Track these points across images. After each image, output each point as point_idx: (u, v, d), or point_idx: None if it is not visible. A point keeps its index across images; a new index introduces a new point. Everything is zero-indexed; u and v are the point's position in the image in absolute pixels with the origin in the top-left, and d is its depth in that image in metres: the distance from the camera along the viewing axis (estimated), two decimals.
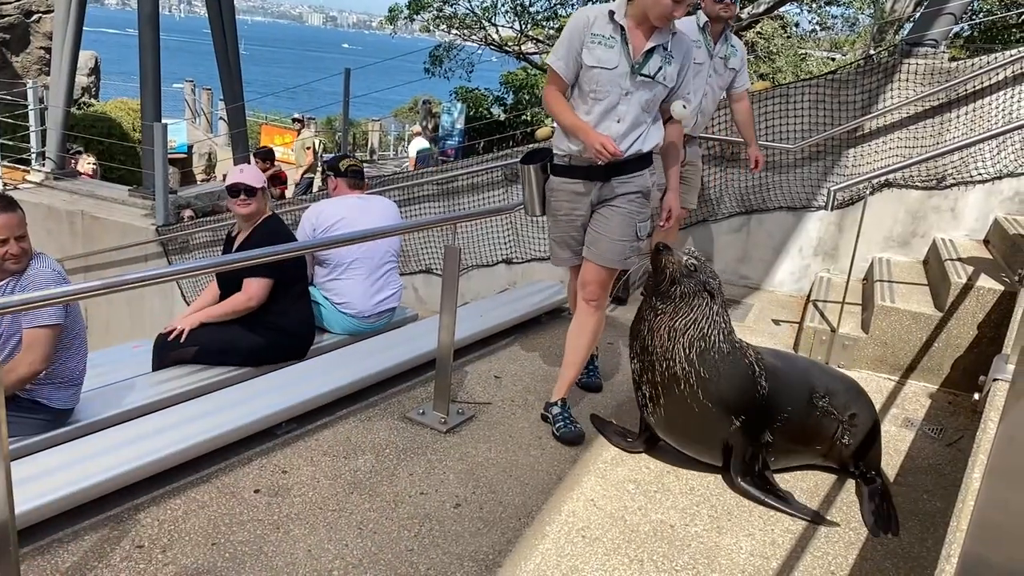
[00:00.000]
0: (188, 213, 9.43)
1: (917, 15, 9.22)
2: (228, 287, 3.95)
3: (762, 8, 16.05)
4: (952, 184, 5.01)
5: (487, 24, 19.77)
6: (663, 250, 2.81)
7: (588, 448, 3.17)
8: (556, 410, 3.28)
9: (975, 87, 4.88)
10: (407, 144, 17.77)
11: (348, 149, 14.85)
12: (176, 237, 8.38)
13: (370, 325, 4.34)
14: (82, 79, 17.27)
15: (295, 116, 17.41)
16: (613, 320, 4.72)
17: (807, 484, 2.99)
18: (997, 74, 4.82)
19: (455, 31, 20.12)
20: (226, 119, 13.50)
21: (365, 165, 6.08)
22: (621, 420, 3.38)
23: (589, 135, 2.94)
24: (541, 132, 10.25)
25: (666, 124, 3.18)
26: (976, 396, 2.85)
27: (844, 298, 4.24)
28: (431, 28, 20.55)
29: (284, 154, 15.26)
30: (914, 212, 5.11)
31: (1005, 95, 4.85)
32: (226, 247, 4.15)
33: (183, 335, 3.81)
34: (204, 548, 2.39)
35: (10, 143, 11.14)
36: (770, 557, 2.52)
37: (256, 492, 2.71)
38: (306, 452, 3.00)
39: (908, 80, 5.02)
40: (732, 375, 2.75)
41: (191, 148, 17.76)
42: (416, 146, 16.01)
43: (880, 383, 4.04)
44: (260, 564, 2.34)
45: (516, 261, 6.39)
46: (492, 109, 21.10)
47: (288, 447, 3.03)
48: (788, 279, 5.52)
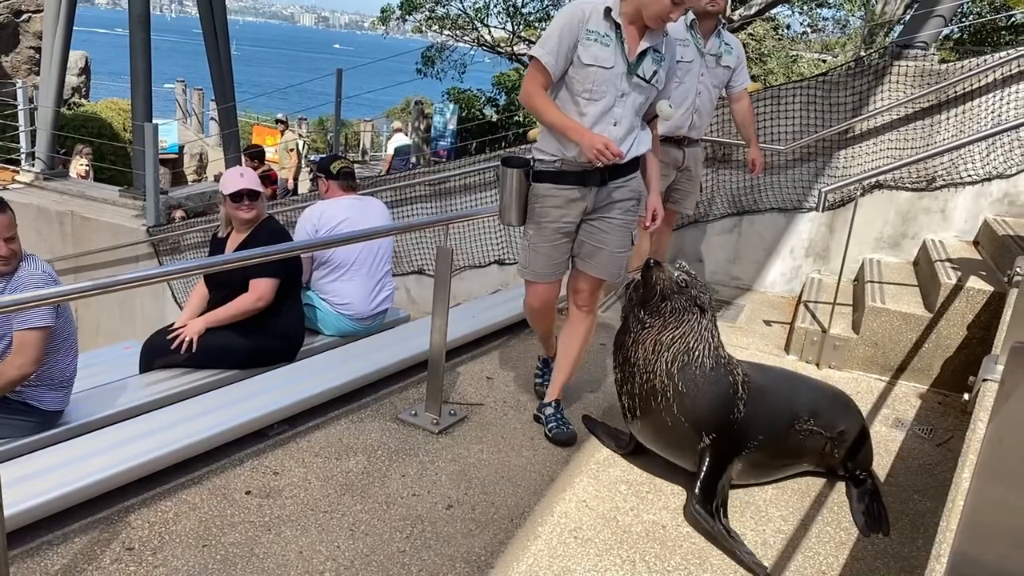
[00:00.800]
0: (179, 214, 9.39)
1: (907, 17, 9.27)
2: (223, 289, 3.90)
3: (754, 10, 16.10)
4: (942, 186, 5.03)
5: (479, 25, 19.78)
6: (654, 266, 2.75)
7: (580, 449, 3.17)
8: (549, 411, 3.28)
9: (965, 89, 4.91)
10: (385, 141, 17.65)
11: (340, 150, 14.82)
12: (167, 238, 8.34)
13: (365, 327, 4.34)
14: (72, 79, 17.17)
15: (278, 117, 17.20)
16: (604, 320, 4.72)
17: (797, 484, 3.00)
18: (986, 76, 4.85)
19: (447, 32, 20.13)
20: (217, 119, 13.45)
21: (357, 166, 6.08)
22: (613, 421, 3.38)
23: (585, 136, 2.78)
24: (533, 133, 10.24)
25: (649, 124, 3.10)
26: (966, 396, 2.86)
27: (835, 299, 4.26)
28: (423, 29, 20.57)
29: (271, 155, 15.18)
30: (904, 213, 5.14)
31: (994, 97, 4.88)
32: (215, 249, 4.09)
33: (192, 343, 3.74)
34: (195, 550, 2.38)
35: None
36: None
37: (247, 494, 2.70)
38: (298, 453, 3.00)
39: (898, 82, 5.05)
40: (710, 392, 2.67)
41: (182, 148, 17.68)
42: (395, 143, 15.98)
43: (871, 383, 4.05)
44: (251, 566, 2.33)
45: (508, 262, 6.39)
46: (484, 110, 21.13)
47: (280, 448, 3.02)
48: (779, 280, 5.54)
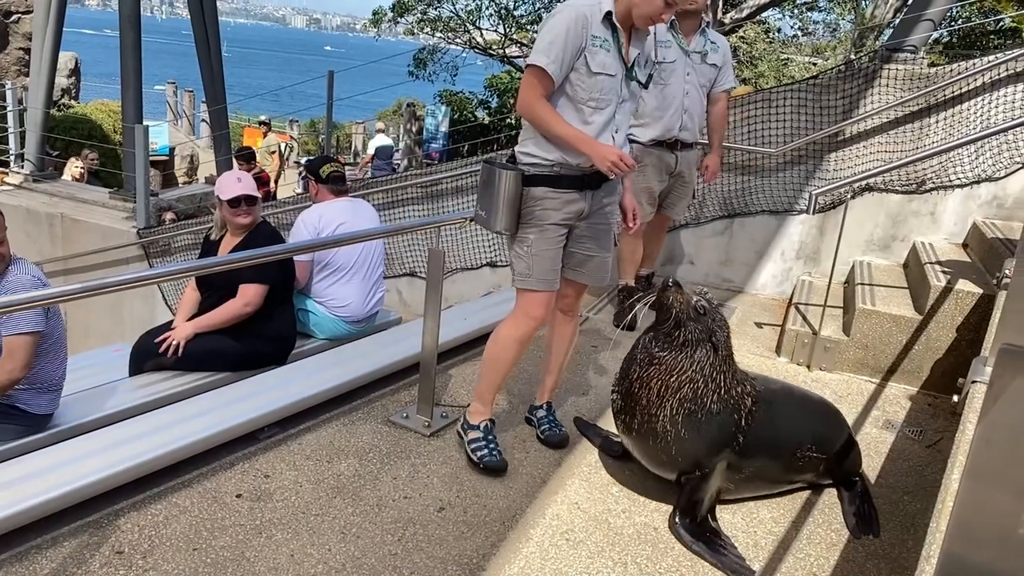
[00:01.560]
0: (169, 216, 9.35)
1: (897, 21, 9.33)
2: (216, 294, 3.88)
3: (745, 13, 16.16)
4: (931, 188, 5.06)
5: (471, 27, 19.81)
6: (672, 286, 2.62)
7: (572, 451, 3.17)
8: (541, 413, 3.28)
9: (954, 92, 4.94)
10: (366, 141, 17.56)
11: (331, 152, 14.80)
12: (157, 240, 8.31)
13: (359, 329, 4.35)
14: (62, 80, 17.06)
15: (261, 119, 17.04)
16: (596, 323, 4.73)
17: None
18: (975, 80, 4.88)
19: (439, 34, 20.17)
20: (208, 121, 13.41)
21: (347, 168, 6.06)
22: (605, 424, 3.38)
23: (597, 148, 2.64)
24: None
25: None
26: (955, 398, 2.88)
27: (826, 301, 4.27)
28: (415, 31, 20.58)
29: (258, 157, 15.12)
30: (894, 216, 5.16)
31: (983, 101, 4.91)
32: (207, 252, 4.08)
33: (180, 347, 3.73)
34: (185, 553, 2.37)
35: None
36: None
37: (238, 497, 2.69)
38: (289, 456, 2.99)
39: (888, 85, 5.07)
40: (712, 435, 2.56)
41: (173, 150, 17.61)
42: (376, 143, 15.97)
43: (861, 385, 4.07)
44: (242, 569, 2.32)
45: (501, 264, 6.39)
46: (477, 112, 21.16)
47: (271, 451, 3.01)
48: (771, 282, 5.56)
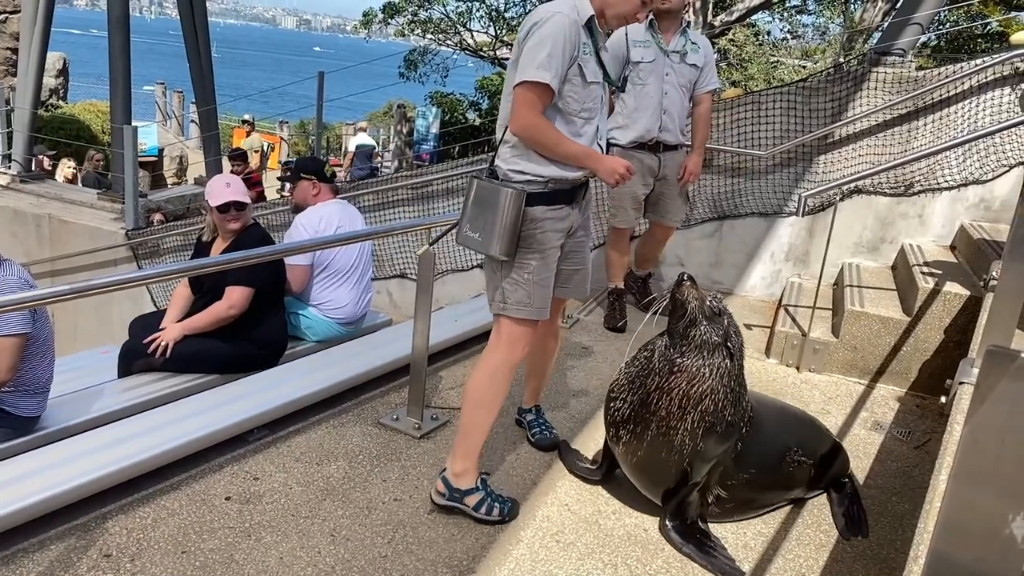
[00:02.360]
0: (157, 217, 9.32)
1: (885, 25, 9.38)
2: (207, 296, 3.86)
3: (735, 15, 16.24)
4: (920, 191, 5.09)
5: (462, 29, 19.81)
6: (687, 281, 2.54)
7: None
8: (530, 416, 3.28)
9: (942, 96, 4.97)
10: (346, 139, 17.49)
11: (321, 152, 14.79)
12: (146, 241, 8.27)
13: (351, 331, 4.35)
14: (50, 80, 16.96)
15: (244, 118, 16.94)
16: (587, 324, 4.73)
17: None
18: (963, 83, 4.91)
19: (430, 36, 20.16)
20: (197, 122, 13.36)
21: (337, 169, 6.06)
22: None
23: (605, 162, 2.55)
24: None
25: None
26: (943, 399, 2.89)
27: (815, 303, 4.29)
28: (406, 32, 20.57)
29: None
30: (883, 218, 5.19)
31: (970, 104, 4.94)
32: (199, 254, 4.06)
33: (168, 348, 3.71)
34: (174, 556, 2.36)
35: None
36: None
37: (227, 499, 2.68)
38: (278, 458, 2.98)
39: (877, 88, 5.10)
40: (723, 446, 2.53)
41: (162, 151, 17.54)
42: (357, 141, 15.97)
43: (850, 387, 4.09)
44: (231, 572, 2.31)
45: None
46: (467, 114, 21.15)
47: (260, 453, 3.00)
48: (760, 284, 5.58)
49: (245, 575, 2.30)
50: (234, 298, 3.75)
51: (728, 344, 2.48)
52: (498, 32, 19.54)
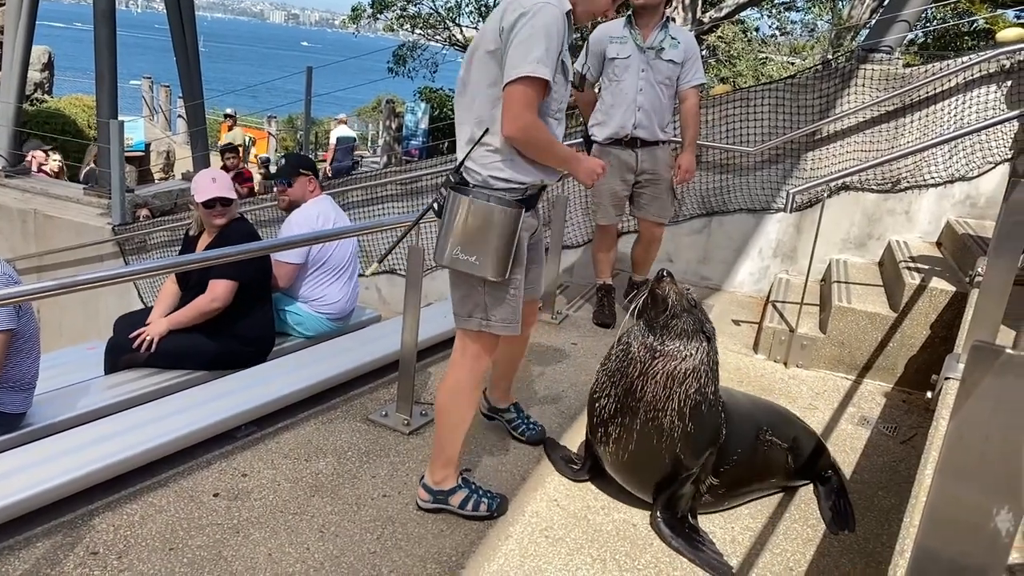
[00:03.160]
0: (143, 212, 9.26)
1: (873, 22, 9.42)
2: (193, 291, 3.83)
3: (724, 12, 16.26)
4: (906, 188, 5.13)
5: (451, 24, 19.76)
6: (666, 277, 2.59)
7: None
8: (510, 415, 3.25)
9: (928, 93, 5.00)
10: (329, 133, 17.39)
11: (309, 148, 14.73)
12: (133, 236, 8.22)
13: (340, 326, 4.35)
14: (35, 74, 16.83)
15: (227, 112, 16.78)
16: (576, 320, 4.74)
17: None
18: (949, 80, 4.95)
19: (419, 31, 20.09)
20: (185, 117, 13.27)
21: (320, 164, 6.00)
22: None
23: (585, 162, 2.51)
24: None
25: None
26: (929, 394, 2.91)
27: (802, 299, 4.31)
28: (395, 27, 20.50)
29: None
30: (870, 215, 5.22)
31: (957, 101, 4.98)
32: (186, 248, 4.04)
33: (153, 343, 3.69)
34: (161, 553, 2.35)
35: None
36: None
37: (215, 496, 2.67)
38: (267, 455, 2.97)
39: (864, 85, 5.13)
40: (711, 426, 2.59)
41: (149, 146, 17.42)
42: (337, 133, 15.93)
43: (837, 382, 4.11)
44: (219, 569, 2.30)
45: None
46: None
47: (248, 450, 2.99)
48: (748, 280, 5.60)
49: (233, 572, 2.30)
50: (217, 291, 3.73)
51: (704, 330, 2.58)
52: None
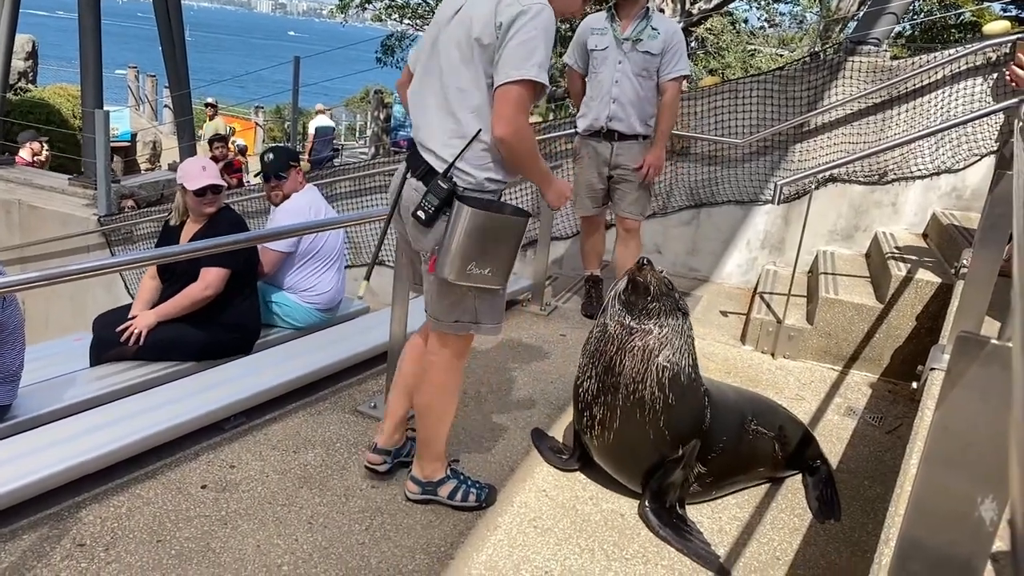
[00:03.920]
0: (129, 203, 9.17)
1: (861, 14, 9.44)
2: (179, 281, 3.80)
3: (712, 4, 16.27)
4: (893, 180, 5.15)
5: None
6: (647, 264, 2.64)
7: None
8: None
9: (915, 85, 5.03)
10: (309, 122, 17.30)
11: (297, 139, 14.64)
12: (119, 227, 8.16)
13: (328, 317, 4.35)
14: (18, 63, 16.63)
15: (208, 101, 16.58)
16: (564, 311, 4.75)
17: None
18: (936, 73, 4.97)
19: (407, 21, 19.98)
20: (171, 107, 13.16)
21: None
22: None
23: (557, 184, 2.46)
24: None
25: None
26: (914, 385, 2.94)
27: (790, 290, 4.33)
28: (383, 17, 20.38)
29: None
30: (857, 207, 5.25)
31: (943, 93, 5.00)
32: (166, 239, 4.00)
33: (141, 336, 3.66)
34: (149, 545, 2.34)
35: None
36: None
37: (203, 487, 2.66)
38: (255, 446, 2.96)
39: (852, 77, 5.14)
40: (693, 403, 2.63)
41: (135, 136, 17.27)
42: (316, 123, 15.84)
43: (824, 373, 4.14)
44: (207, 560, 2.30)
45: None
46: None
47: (236, 441, 2.98)
48: (736, 271, 5.62)
49: (222, 563, 2.29)
50: (210, 279, 3.71)
51: (679, 307, 2.67)
52: None
